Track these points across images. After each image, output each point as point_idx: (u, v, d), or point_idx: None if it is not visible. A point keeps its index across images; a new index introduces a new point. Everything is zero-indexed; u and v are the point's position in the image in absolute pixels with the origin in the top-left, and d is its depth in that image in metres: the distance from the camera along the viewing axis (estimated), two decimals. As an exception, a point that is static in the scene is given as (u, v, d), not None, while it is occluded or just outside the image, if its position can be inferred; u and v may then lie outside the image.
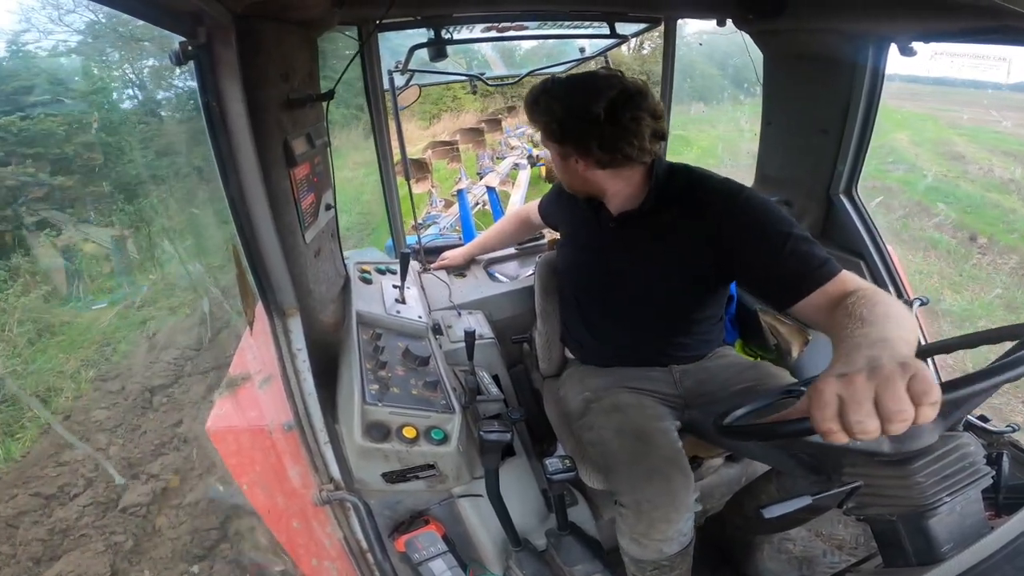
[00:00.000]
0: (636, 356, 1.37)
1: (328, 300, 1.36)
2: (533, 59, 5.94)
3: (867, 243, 1.63)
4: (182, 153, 6.28)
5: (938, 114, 11.35)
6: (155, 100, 7.61)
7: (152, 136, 6.57)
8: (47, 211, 5.27)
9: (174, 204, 6.21)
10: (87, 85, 6.37)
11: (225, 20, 0.87)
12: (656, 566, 1.12)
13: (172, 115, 7.63)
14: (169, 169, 6.46)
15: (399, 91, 2.08)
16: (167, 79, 7.21)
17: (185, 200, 6.23)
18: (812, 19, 1.44)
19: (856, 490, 0.80)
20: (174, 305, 5.01)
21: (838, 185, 1.66)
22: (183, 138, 6.41)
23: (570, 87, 1.13)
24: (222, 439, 1.17)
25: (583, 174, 1.20)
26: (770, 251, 1.02)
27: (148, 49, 6.85)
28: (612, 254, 1.29)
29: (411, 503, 1.27)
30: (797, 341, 1.66)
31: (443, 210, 4.93)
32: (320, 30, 1.26)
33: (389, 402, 1.14)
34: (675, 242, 1.18)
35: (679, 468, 1.12)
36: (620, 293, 1.31)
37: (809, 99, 1.63)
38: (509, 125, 8.06)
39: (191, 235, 5.90)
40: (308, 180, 1.21)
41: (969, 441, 0.78)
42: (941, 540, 0.75)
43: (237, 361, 1.32)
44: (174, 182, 6.38)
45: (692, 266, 1.18)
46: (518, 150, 6.72)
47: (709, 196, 1.14)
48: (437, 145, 6.62)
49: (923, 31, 1.23)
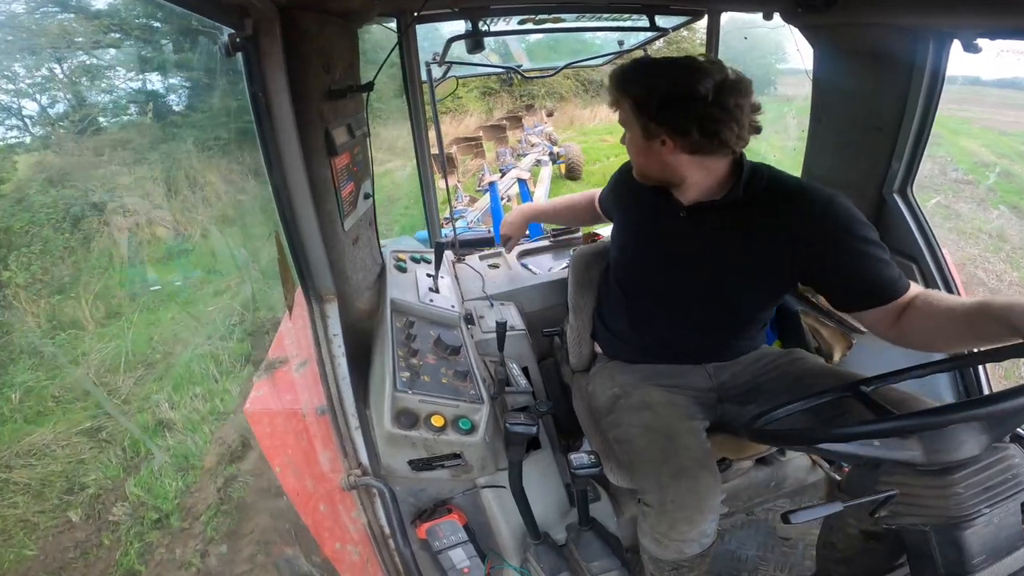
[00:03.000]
0: (675, 352, 1.34)
1: (364, 287, 1.39)
2: (554, 56, 5.94)
3: (921, 246, 1.55)
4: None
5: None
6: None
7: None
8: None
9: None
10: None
11: (271, 12, 0.90)
12: (675, 566, 1.11)
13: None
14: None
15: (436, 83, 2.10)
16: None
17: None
18: (866, 13, 1.37)
19: (891, 499, 0.77)
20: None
21: (892, 184, 1.57)
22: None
23: (674, 65, 1.07)
24: (258, 421, 1.21)
25: (666, 158, 1.12)
26: (851, 261, 1.05)
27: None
28: (679, 244, 1.23)
29: (435, 491, 1.29)
30: (840, 345, 1.60)
31: (468, 205, 4.96)
32: (360, 22, 1.28)
33: (419, 390, 1.16)
34: (753, 238, 1.14)
35: (708, 469, 1.09)
36: (679, 284, 1.26)
37: (862, 95, 1.55)
38: (528, 123, 8.09)
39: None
40: (348, 169, 1.23)
41: (1014, 453, 0.75)
42: (974, 552, 0.73)
43: (276, 345, 1.37)
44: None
45: (765, 264, 1.14)
46: (539, 147, 6.72)
47: (796, 198, 1.10)
48: (461, 141, 6.66)
49: (990, 27, 1.15)
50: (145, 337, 4.12)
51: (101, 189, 5.43)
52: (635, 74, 1.10)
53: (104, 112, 6.42)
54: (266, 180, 1.05)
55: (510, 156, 5.92)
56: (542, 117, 9.04)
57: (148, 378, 3.74)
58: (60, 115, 6.19)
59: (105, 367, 3.79)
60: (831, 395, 0.98)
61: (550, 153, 6.47)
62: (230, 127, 6.37)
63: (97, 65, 6.44)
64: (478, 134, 7.20)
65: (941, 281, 1.52)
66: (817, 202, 1.07)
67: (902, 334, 1.04)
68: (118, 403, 3.50)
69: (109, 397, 3.54)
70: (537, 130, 7.67)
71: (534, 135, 7.37)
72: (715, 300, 1.24)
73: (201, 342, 3.98)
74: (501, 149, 6.20)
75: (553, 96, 12.71)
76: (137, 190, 5.61)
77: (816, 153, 1.80)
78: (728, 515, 1.59)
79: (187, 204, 5.95)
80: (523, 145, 6.94)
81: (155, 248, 5.43)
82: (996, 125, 10.66)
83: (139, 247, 5.27)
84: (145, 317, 4.42)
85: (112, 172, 5.71)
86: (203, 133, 6.48)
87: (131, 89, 6.71)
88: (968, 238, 5.73)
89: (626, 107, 1.12)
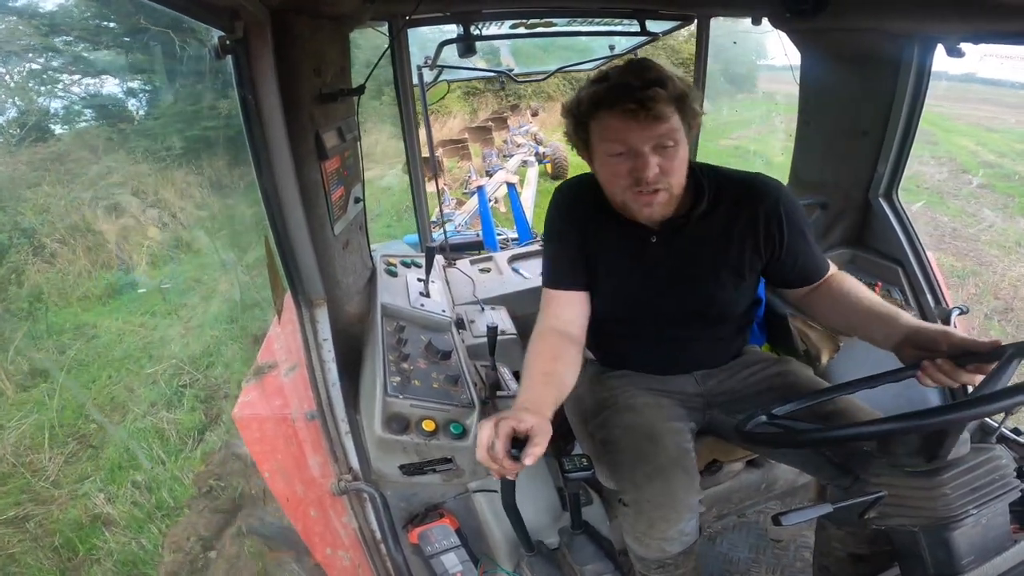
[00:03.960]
0: (662, 364, 1.33)
1: (354, 291, 1.39)
2: (543, 58, 5.87)
3: (906, 249, 1.57)
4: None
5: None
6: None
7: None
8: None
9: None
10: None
11: (261, 15, 0.89)
12: (660, 564, 1.12)
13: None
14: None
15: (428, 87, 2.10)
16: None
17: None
18: (854, 18, 1.39)
19: (879, 500, 0.78)
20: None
21: (877, 188, 1.60)
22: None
23: (647, 62, 1.00)
24: (247, 426, 1.20)
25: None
26: (800, 242, 1.13)
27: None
28: (653, 268, 1.17)
29: (427, 496, 1.28)
30: (827, 347, 1.61)
31: (455, 208, 4.95)
32: (352, 25, 1.28)
33: (410, 395, 1.15)
34: (724, 240, 1.13)
35: (682, 468, 1.10)
36: (660, 305, 1.21)
37: (849, 100, 1.58)
38: (513, 123, 8.11)
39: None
40: (338, 173, 1.23)
41: (1001, 454, 0.76)
42: (962, 552, 0.73)
43: (265, 349, 1.35)
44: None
45: (739, 262, 1.15)
46: (524, 148, 6.73)
47: (752, 188, 1.11)
48: (447, 143, 6.65)
49: (973, 31, 1.17)
50: (75, 404, 3.37)
51: (31, 212, 4.68)
52: (664, 77, 0.96)
53: (48, 119, 5.81)
54: (231, 199, 1.03)
55: (496, 157, 5.93)
56: (527, 117, 9.07)
57: (82, 456, 3.03)
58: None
59: (25, 444, 3.07)
60: (827, 395, 0.99)
61: (536, 153, 6.50)
62: (186, 135, 5.80)
63: (41, 69, 5.92)
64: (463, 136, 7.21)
65: (926, 284, 1.54)
66: (771, 190, 1.11)
67: (810, 306, 1.19)
68: (46, 486, 2.82)
69: (35, 479, 2.85)
70: (522, 130, 7.71)
71: (519, 135, 7.40)
72: (697, 311, 1.22)
73: (142, 412, 3.26)
74: (487, 151, 6.21)
75: (541, 95, 12.40)
76: (73, 213, 4.82)
77: (804, 157, 1.82)
78: (719, 517, 1.60)
79: (132, 228, 5.12)
80: (509, 146, 6.95)
81: (94, 283, 4.61)
82: (981, 121, 10.78)
83: (75, 281, 4.51)
84: (76, 377, 3.63)
85: (44, 193, 4.91)
86: (153, 143, 5.83)
87: (85, 94, 6.20)
88: (1009, 253, 5.16)
89: (673, 110, 0.97)
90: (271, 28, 0.92)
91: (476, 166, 5.81)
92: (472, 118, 10.20)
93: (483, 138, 7.32)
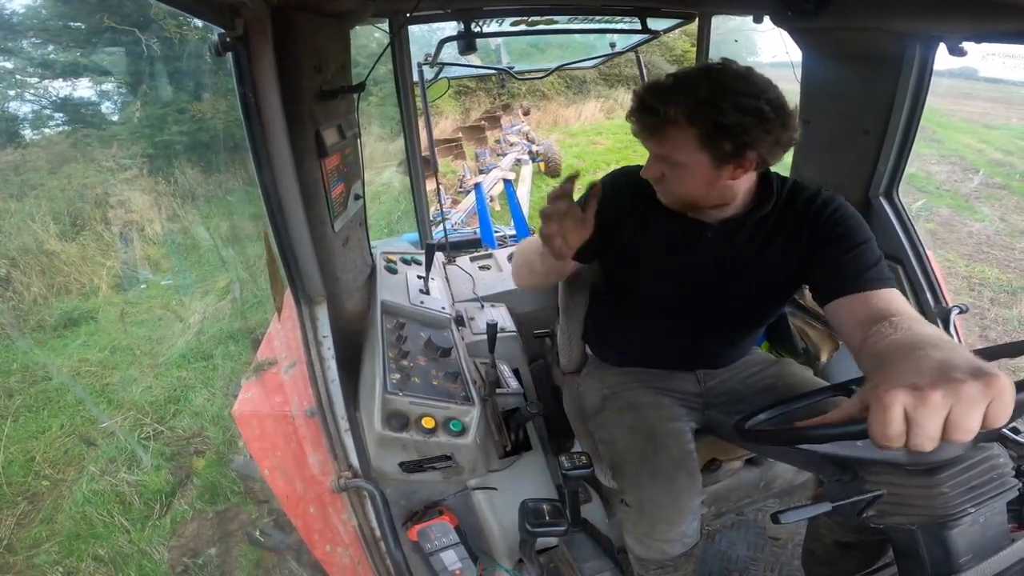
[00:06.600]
0: (668, 360, 1.34)
1: (354, 289, 1.39)
2: (541, 56, 5.81)
3: (906, 248, 1.57)
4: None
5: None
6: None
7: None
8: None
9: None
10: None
11: (262, 11, 0.89)
12: (660, 566, 1.12)
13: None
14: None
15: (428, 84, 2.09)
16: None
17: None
18: (856, 17, 1.38)
19: (878, 498, 0.78)
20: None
21: (878, 187, 1.60)
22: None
23: (732, 80, 0.95)
24: (247, 423, 1.20)
25: (731, 181, 1.02)
26: (840, 251, 1.02)
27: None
28: (698, 263, 1.16)
29: (426, 493, 1.28)
30: (826, 347, 1.62)
31: (451, 207, 4.94)
32: (354, 22, 1.27)
33: (410, 392, 1.15)
34: (776, 248, 1.12)
35: (686, 470, 1.10)
36: (687, 302, 1.20)
37: (850, 99, 1.57)
38: (505, 123, 8.10)
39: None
40: (338, 170, 1.22)
41: (999, 452, 0.76)
42: (960, 551, 0.73)
43: (265, 346, 1.36)
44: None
45: (783, 272, 1.13)
46: (518, 146, 6.72)
47: (816, 201, 1.09)
48: (440, 143, 6.63)
49: (975, 31, 1.17)
50: (23, 458, 2.93)
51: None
52: (695, 98, 0.94)
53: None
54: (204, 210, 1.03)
55: (490, 156, 5.93)
56: (519, 116, 9.05)
57: (34, 518, 2.61)
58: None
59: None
60: (825, 395, 0.99)
61: (529, 152, 6.49)
62: (155, 140, 5.51)
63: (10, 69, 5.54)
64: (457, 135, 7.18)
65: (926, 283, 1.54)
66: (829, 204, 1.07)
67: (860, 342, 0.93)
68: (1, 551, 2.43)
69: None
70: (514, 129, 7.67)
71: (512, 134, 7.38)
72: (726, 311, 1.21)
73: (98, 472, 2.78)
74: (480, 150, 6.21)
75: (535, 94, 12.06)
76: (25, 230, 4.33)
77: (805, 155, 1.82)
78: (718, 515, 1.60)
79: (92, 250, 4.53)
80: (502, 145, 6.94)
81: (49, 310, 4.06)
82: (975, 117, 10.66)
83: (28, 309, 3.99)
84: (24, 426, 3.13)
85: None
86: (121, 149, 5.43)
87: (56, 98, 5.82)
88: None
89: (688, 136, 0.96)
90: (272, 25, 0.92)
91: (470, 165, 5.79)
92: (464, 118, 10.13)
93: (476, 137, 7.28)
